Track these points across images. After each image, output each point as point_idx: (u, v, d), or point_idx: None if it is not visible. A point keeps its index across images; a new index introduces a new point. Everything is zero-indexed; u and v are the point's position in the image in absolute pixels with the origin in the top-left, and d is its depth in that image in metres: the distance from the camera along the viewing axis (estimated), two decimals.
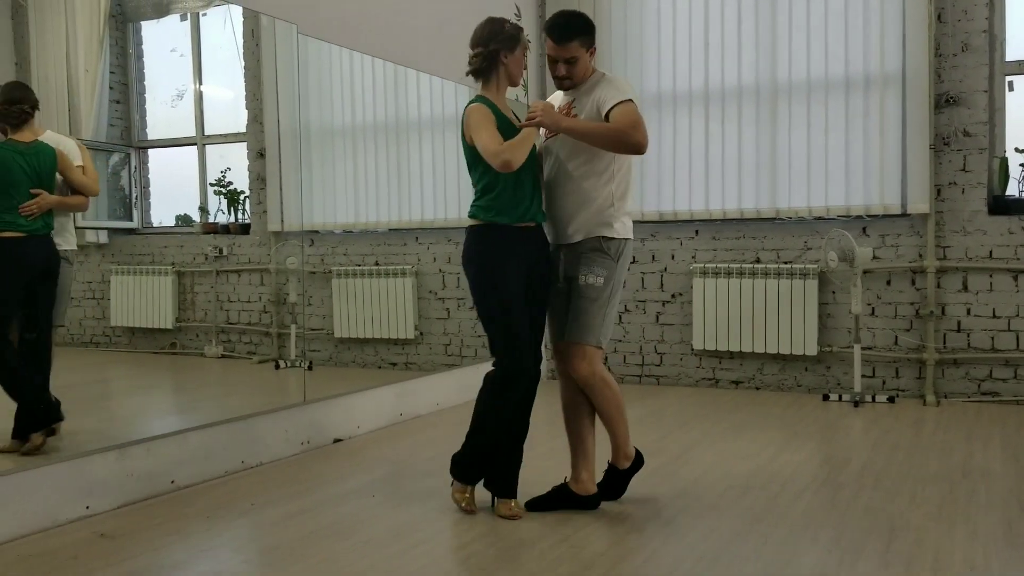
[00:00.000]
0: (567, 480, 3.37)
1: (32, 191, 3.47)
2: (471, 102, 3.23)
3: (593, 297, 3.22)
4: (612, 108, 3.15)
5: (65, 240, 3.69)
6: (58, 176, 3.60)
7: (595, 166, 3.24)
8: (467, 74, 3.31)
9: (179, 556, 2.90)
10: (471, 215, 3.27)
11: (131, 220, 4.76)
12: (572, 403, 3.38)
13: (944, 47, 5.34)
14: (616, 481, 3.43)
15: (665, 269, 6.15)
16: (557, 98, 3.40)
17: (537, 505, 3.32)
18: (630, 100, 3.16)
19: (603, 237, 3.25)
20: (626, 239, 3.31)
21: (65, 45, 4.33)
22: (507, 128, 3.19)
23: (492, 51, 3.22)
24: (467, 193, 3.31)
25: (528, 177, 3.23)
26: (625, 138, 3.11)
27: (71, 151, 3.69)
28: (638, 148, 3.14)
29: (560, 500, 3.33)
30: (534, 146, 3.21)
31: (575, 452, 3.39)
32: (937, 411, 5.11)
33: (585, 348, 3.23)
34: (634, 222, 6.02)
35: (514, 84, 3.34)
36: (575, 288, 3.25)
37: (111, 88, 4.64)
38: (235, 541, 3.06)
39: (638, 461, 3.48)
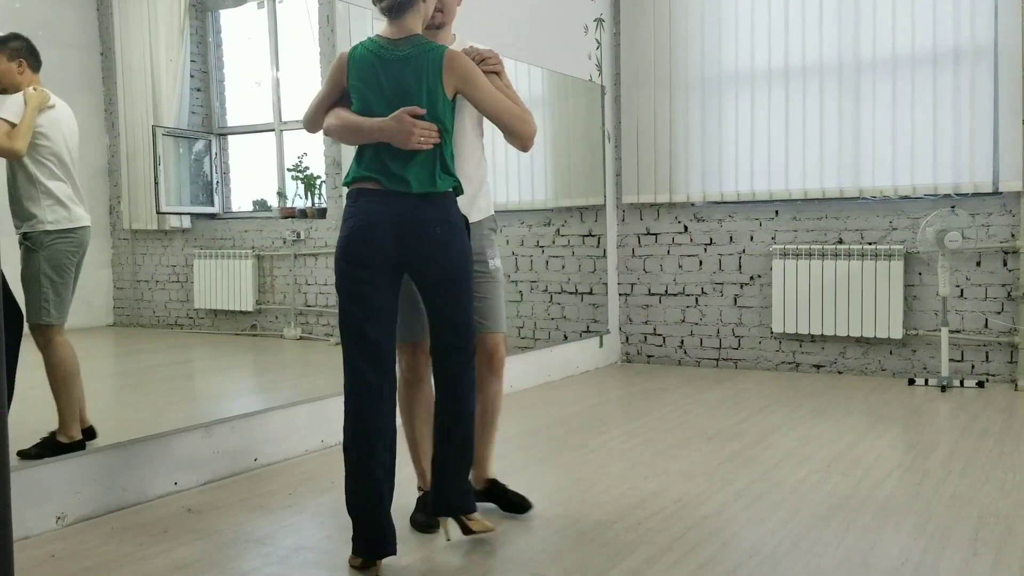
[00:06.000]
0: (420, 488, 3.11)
1: None
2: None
3: (501, 280, 3.03)
4: None
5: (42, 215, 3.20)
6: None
7: (479, 134, 2.97)
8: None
9: (263, 531, 2.97)
10: None
11: (212, 205, 4.88)
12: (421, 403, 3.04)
13: None
14: (504, 492, 3.16)
15: (743, 251, 6.04)
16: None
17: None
18: None
19: (494, 216, 3.05)
20: None
21: (148, 35, 4.45)
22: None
23: None
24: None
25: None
26: None
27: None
28: None
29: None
30: (452, 101, 2.65)
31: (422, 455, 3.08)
32: None
33: (500, 336, 3.04)
34: (713, 203, 6.10)
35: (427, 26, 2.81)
36: (486, 272, 2.96)
37: (192, 76, 4.75)
38: (317, 517, 3.12)
39: None
